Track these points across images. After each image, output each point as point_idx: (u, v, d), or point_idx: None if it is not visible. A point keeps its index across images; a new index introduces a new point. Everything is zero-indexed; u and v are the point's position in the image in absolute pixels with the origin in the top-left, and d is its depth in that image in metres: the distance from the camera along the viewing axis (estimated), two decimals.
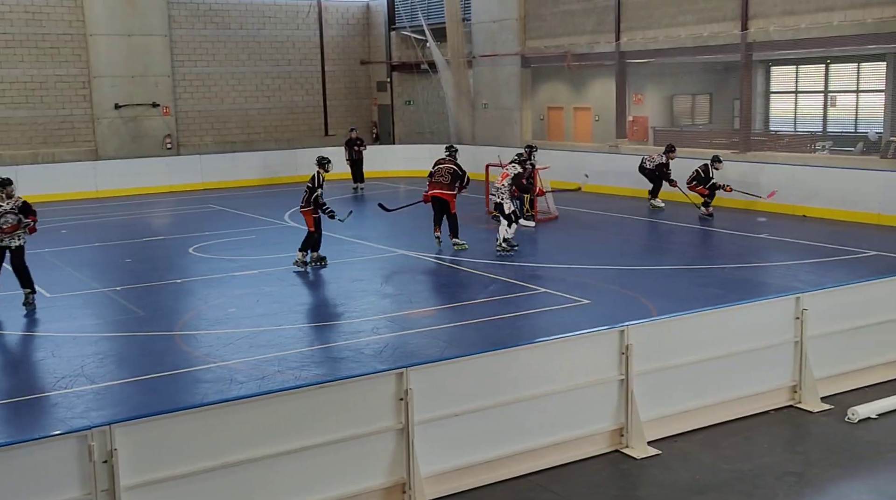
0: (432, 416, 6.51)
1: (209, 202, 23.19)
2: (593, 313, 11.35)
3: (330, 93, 31.45)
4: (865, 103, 25.91)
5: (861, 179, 17.93)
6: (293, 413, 6.13)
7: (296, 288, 13.23)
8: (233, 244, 16.93)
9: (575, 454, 7.08)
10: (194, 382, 9.38)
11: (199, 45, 29.14)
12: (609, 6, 24.57)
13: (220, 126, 29.75)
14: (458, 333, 10.86)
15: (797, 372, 8.21)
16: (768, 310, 8.22)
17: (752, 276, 13.77)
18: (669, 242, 16.34)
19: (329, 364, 9.61)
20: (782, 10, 20.73)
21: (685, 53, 23.38)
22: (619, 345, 7.23)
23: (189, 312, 12.24)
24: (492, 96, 28.41)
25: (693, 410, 7.67)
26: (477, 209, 20.24)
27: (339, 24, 31.71)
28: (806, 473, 6.79)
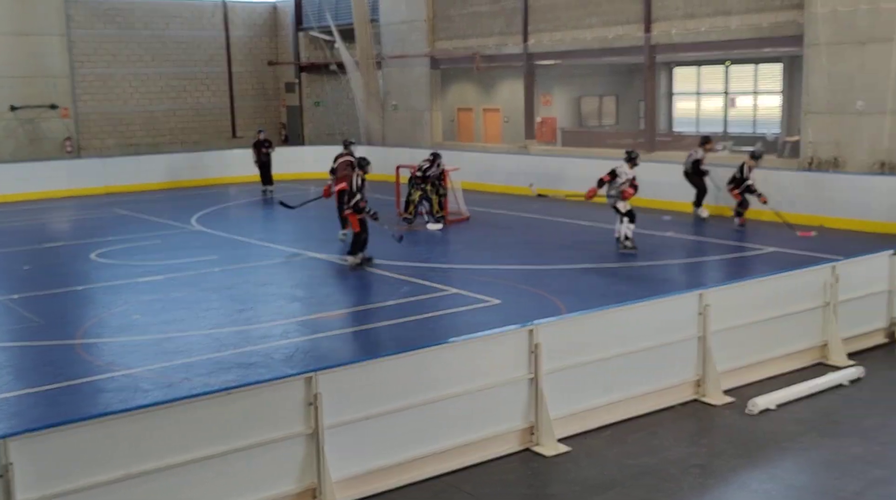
0: (343, 420, 6.45)
1: (113, 207, 22.56)
2: (503, 313, 11.43)
3: (237, 94, 30.99)
4: (763, 105, 26.84)
5: (760, 177, 18.50)
6: (201, 421, 5.99)
7: (204, 293, 12.96)
8: (138, 249, 16.50)
9: (486, 453, 7.11)
10: (96, 392, 9.09)
11: (100, 45, 28.33)
12: (517, 8, 24.82)
13: (123, 128, 28.98)
14: (369, 335, 10.81)
15: (701, 367, 8.41)
16: (673, 306, 8.40)
17: (658, 273, 14.07)
18: (578, 242, 16.58)
19: (238, 370, 9.43)
20: (683, 14, 21.27)
21: (591, 55, 23.79)
22: (529, 344, 7.28)
23: (91, 319, 11.87)
24: (401, 97, 28.39)
25: (601, 406, 7.79)
26: (387, 212, 20.18)
27: (245, 24, 31.25)
28: (710, 465, 6.96)
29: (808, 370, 9.03)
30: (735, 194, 17.19)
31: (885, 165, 17.58)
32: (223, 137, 30.57)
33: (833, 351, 9.31)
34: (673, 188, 20.01)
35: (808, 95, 18.66)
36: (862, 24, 17.54)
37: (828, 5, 17.96)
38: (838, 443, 7.28)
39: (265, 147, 24.35)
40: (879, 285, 9.91)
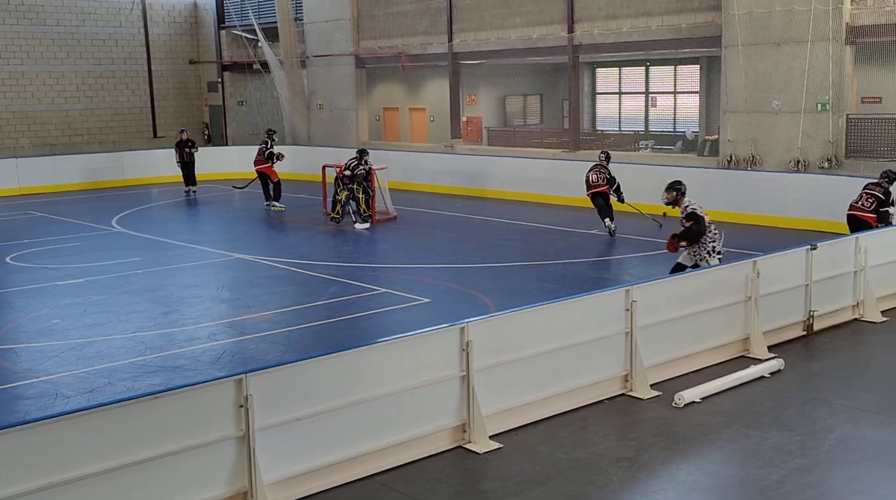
0: (274, 421, 6.37)
1: (27, 208, 21.89)
2: (433, 312, 11.45)
3: (158, 93, 30.37)
4: (682, 104, 27.42)
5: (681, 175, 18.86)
6: (128, 426, 5.83)
7: (126, 296, 12.66)
8: (56, 252, 16.04)
9: (419, 451, 7.10)
10: (14, 399, 8.80)
11: (12, 41, 27.46)
12: (441, 8, 24.88)
13: (37, 128, 28.14)
14: (298, 336, 10.70)
15: (628, 362, 8.54)
16: (601, 302, 8.52)
17: (585, 270, 14.25)
18: (506, 240, 16.69)
19: (164, 373, 9.24)
20: (605, 14, 21.60)
21: (516, 55, 23.98)
22: (460, 342, 7.30)
23: (7, 324, 11.49)
24: (327, 97, 28.20)
25: (532, 402, 7.85)
26: (314, 211, 20.04)
27: (165, 22, 30.64)
28: (638, 457, 7.07)
29: (731, 363, 9.24)
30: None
31: (799, 163, 18.14)
32: (144, 136, 29.93)
33: (755, 344, 9.56)
34: None
35: (727, 94, 19.14)
36: (777, 26, 18.07)
37: (744, 7, 18.45)
38: (761, 434, 7.47)
39: (188, 147, 23.87)
40: (797, 280, 10.20)
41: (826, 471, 6.78)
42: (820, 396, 8.39)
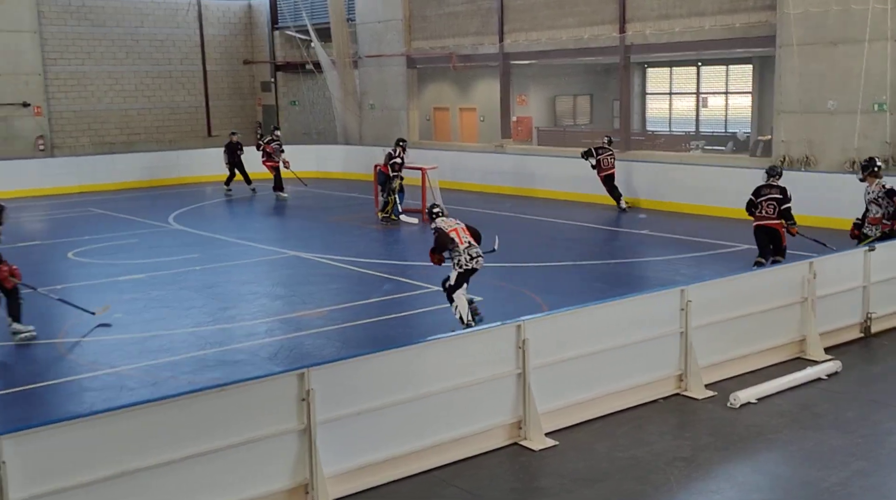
0: (334, 415, 6.50)
1: (87, 205, 22.40)
2: (485, 310, 11.50)
3: (212, 93, 30.85)
4: (734, 104, 27.17)
5: (732, 176, 18.76)
6: (193, 418, 6.01)
7: (185, 292, 12.94)
8: (115, 248, 16.42)
9: (476, 448, 7.19)
10: (81, 390, 9.07)
11: (73, 42, 28.10)
12: (493, 8, 24.94)
13: (97, 127, 28.77)
14: (352, 332, 10.85)
15: (683, 361, 8.55)
16: (656, 302, 8.54)
17: (635, 270, 14.23)
18: (556, 240, 16.71)
19: (224, 368, 9.45)
20: (658, 15, 21.49)
21: (567, 55, 23.96)
22: (517, 340, 7.38)
23: (72, 318, 11.80)
24: (378, 97, 28.42)
25: (587, 401, 7.90)
26: (366, 210, 20.23)
27: (220, 22, 31.12)
28: (695, 457, 7.09)
29: (786, 365, 9.20)
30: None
31: (855, 163, 17.87)
32: (198, 135, 30.42)
33: (811, 346, 9.49)
34: (648, 187, 20.24)
35: (781, 94, 18.93)
36: (833, 25, 17.83)
37: (800, 6, 18.23)
38: (819, 435, 7.44)
39: (239, 149, 24.02)
40: (855, 281, 10.10)
41: (888, 473, 6.75)
42: (879, 399, 8.32)
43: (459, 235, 10.74)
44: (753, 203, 12.11)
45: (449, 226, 10.86)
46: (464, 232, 10.84)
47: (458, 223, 10.93)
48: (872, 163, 11.07)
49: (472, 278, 10.56)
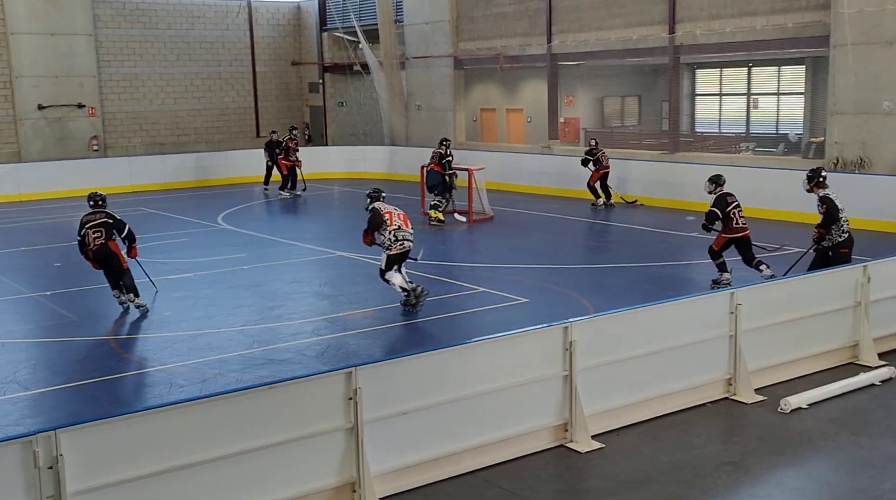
0: (381, 415, 6.54)
1: (139, 205, 22.76)
2: (531, 312, 11.50)
3: (261, 94, 31.18)
4: (786, 105, 26.75)
5: (784, 178, 18.48)
6: (242, 415, 6.09)
7: (233, 291, 13.10)
8: (165, 247, 16.66)
9: (521, 449, 7.18)
10: (132, 386, 9.24)
11: (126, 44, 28.60)
12: (540, 9, 24.87)
13: (148, 127, 29.24)
14: (398, 333, 10.90)
15: (732, 365, 8.45)
16: (705, 305, 8.45)
17: (683, 273, 14.10)
18: (601, 241, 16.64)
19: (271, 366, 9.55)
20: (708, 15, 21.26)
21: (615, 56, 23.81)
22: (564, 341, 7.35)
23: (124, 316, 12.01)
24: (425, 98, 28.50)
25: (634, 403, 7.84)
26: (412, 211, 20.27)
27: (269, 24, 31.45)
28: (743, 462, 7.00)
29: (838, 370, 9.04)
30: None
31: None
32: (247, 136, 30.77)
33: (864, 351, 9.32)
34: (696, 189, 19.99)
35: (834, 95, 18.62)
36: (889, 24, 17.49)
37: (854, 5, 17.91)
38: (872, 442, 7.30)
39: (278, 148, 24.37)
40: None
41: None
42: None
43: (392, 219, 11.44)
44: (720, 215, 12.01)
45: (385, 208, 11.58)
46: (398, 217, 11.52)
47: (396, 209, 11.68)
48: (818, 173, 11.12)
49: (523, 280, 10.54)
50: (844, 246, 10.70)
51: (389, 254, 11.42)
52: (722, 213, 12.02)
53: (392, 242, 11.36)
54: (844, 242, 10.71)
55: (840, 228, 10.72)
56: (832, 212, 10.61)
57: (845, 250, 10.68)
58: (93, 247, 11.65)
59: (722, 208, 12.04)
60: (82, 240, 11.81)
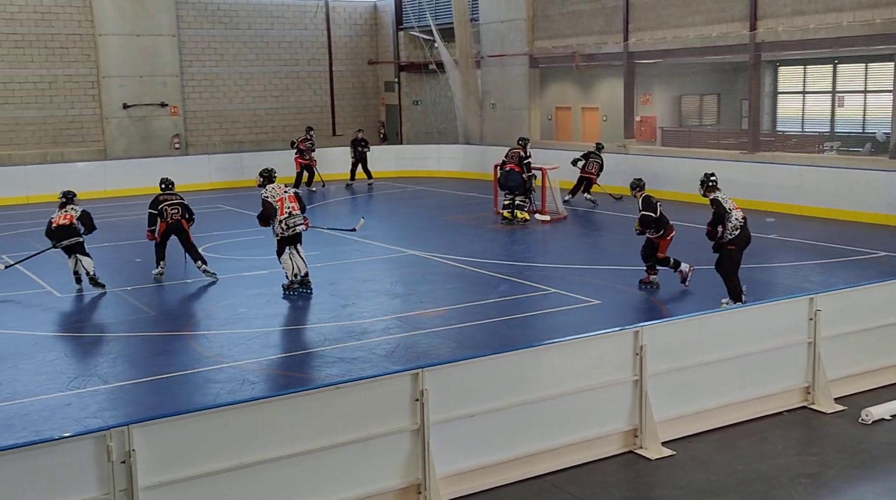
0: (447, 416, 6.52)
1: (217, 202, 23.22)
2: (604, 314, 11.37)
3: (338, 93, 31.49)
4: (873, 104, 25.88)
5: (869, 179, 17.91)
6: (310, 414, 6.13)
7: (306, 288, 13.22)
8: (242, 244, 16.96)
9: (589, 454, 7.09)
10: (206, 382, 9.40)
11: (208, 45, 29.20)
12: (617, 7, 24.56)
13: (228, 126, 29.81)
14: (468, 333, 10.87)
15: (810, 373, 8.20)
16: (782, 311, 8.22)
17: (762, 276, 13.74)
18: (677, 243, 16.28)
19: (341, 364, 9.62)
20: (791, 11, 20.71)
21: (694, 54, 23.37)
22: (634, 346, 7.23)
23: (200, 312, 12.26)
24: (500, 96, 28.41)
25: (707, 410, 7.67)
26: (485, 210, 20.25)
27: (346, 24, 31.74)
28: (821, 474, 6.78)
29: None
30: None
31: None
32: (323, 135, 31.07)
33: None
34: (777, 190, 19.54)
35: None
36: None
37: None
38: None
39: (361, 146, 25.24)
40: None
41: None
42: None
43: (283, 206, 12.31)
44: (662, 220, 12.30)
45: (276, 196, 12.40)
46: (289, 201, 12.38)
47: (286, 193, 12.49)
48: (708, 179, 11.75)
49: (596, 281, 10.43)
50: (731, 243, 11.24)
51: (279, 238, 12.42)
52: (655, 215, 12.36)
53: (283, 230, 12.32)
54: (732, 240, 11.22)
55: (732, 227, 11.21)
56: (719, 212, 11.19)
57: (732, 247, 11.26)
58: (170, 220, 13.61)
59: (655, 211, 12.40)
60: (159, 213, 13.70)
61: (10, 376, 9.56)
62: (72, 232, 13.24)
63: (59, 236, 13.24)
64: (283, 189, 12.53)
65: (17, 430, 7.96)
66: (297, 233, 12.43)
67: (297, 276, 12.60)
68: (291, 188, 12.99)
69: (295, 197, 12.53)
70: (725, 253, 11.32)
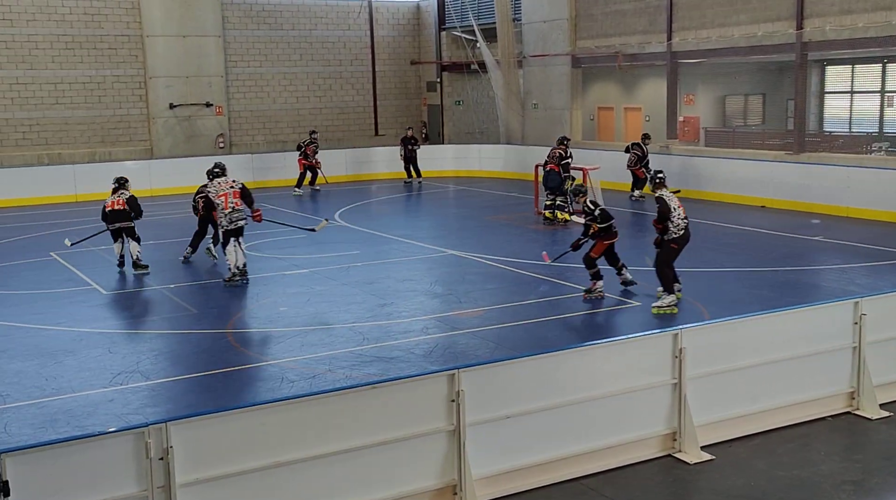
0: (484, 417, 6.50)
1: (260, 201, 23.31)
2: (644, 315, 11.28)
3: (380, 93, 31.58)
4: None
5: None
6: (346, 413, 6.16)
7: (346, 287, 13.31)
8: (284, 243, 17.09)
9: (627, 457, 7.03)
10: (246, 380, 9.48)
11: (252, 45, 29.46)
12: (661, 6, 24.33)
13: (271, 126, 30.04)
14: (507, 333, 10.84)
15: (855, 378, 8.05)
16: (826, 314, 8.08)
17: (806, 279, 13.54)
18: (721, 245, 16.12)
19: (379, 364, 9.64)
20: (839, 10, 20.35)
21: (738, 53, 23.06)
22: (673, 348, 7.15)
23: (241, 310, 12.38)
24: (542, 96, 28.31)
25: (748, 415, 7.57)
26: (526, 210, 20.18)
27: (389, 24, 31.83)
28: (865, 482, 6.65)
29: None
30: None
31: None
32: (366, 135, 31.22)
33: None
34: (823, 191, 19.23)
35: None
36: None
37: None
38: None
39: (410, 144, 25.88)
40: None
41: None
42: None
43: (227, 201, 13.15)
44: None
45: (220, 191, 13.25)
46: (234, 196, 13.19)
47: (232, 188, 13.27)
48: (656, 176, 12.01)
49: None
50: (675, 242, 11.46)
51: (224, 230, 13.21)
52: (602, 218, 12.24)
53: (227, 224, 13.13)
54: (676, 239, 11.44)
55: (676, 226, 11.41)
56: (663, 211, 11.37)
57: (675, 246, 11.48)
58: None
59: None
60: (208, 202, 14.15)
61: (55, 372, 9.73)
62: (124, 216, 14.32)
63: (112, 219, 14.33)
64: (229, 184, 13.31)
65: (60, 425, 8.10)
66: (240, 226, 13.27)
67: (238, 268, 13.33)
68: (239, 183, 13.54)
69: (240, 192, 13.32)
70: (666, 250, 11.53)
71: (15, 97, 26.28)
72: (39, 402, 8.75)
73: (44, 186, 24.49)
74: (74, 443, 5.48)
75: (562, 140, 19.06)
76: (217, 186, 13.30)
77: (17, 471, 5.22)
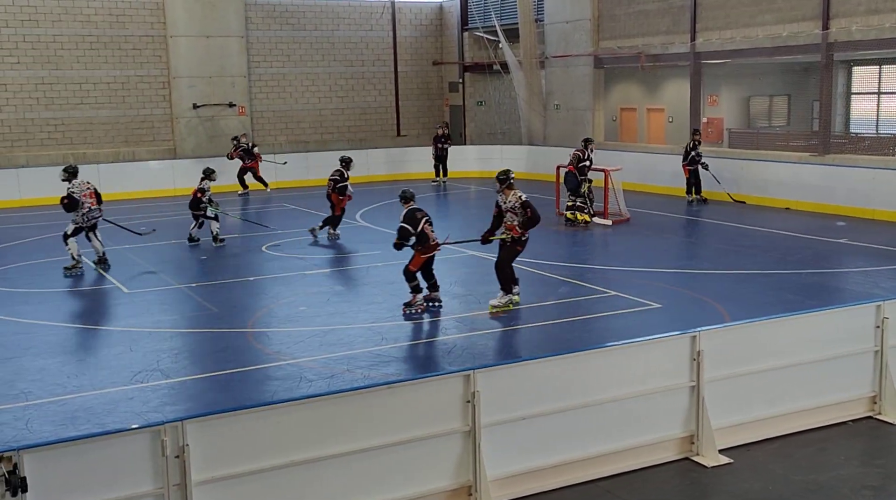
0: (499, 419, 6.49)
1: (282, 201, 23.53)
2: (664, 318, 11.21)
3: (402, 93, 31.62)
4: None
5: None
6: (362, 413, 6.16)
7: (366, 287, 13.33)
8: (305, 243, 17.14)
9: (644, 460, 6.99)
10: (265, 379, 9.52)
11: (275, 45, 29.59)
12: (685, 6, 24.20)
13: (293, 126, 30.16)
14: (527, 335, 10.82)
15: (877, 383, 7.97)
16: (847, 318, 8.00)
17: (829, 281, 13.42)
18: (743, 246, 16.01)
19: (397, 364, 9.65)
20: (866, 10, 20.15)
21: (763, 54, 22.90)
22: (691, 351, 7.11)
23: (261, 309, 12.43)
24: (564, 97, 28.23)
25: (766, 418, 7.51)
26: (547, 211, 20.12)
27: (412, 24, 31.86)
28: (886, 487, 6.58)
29: None
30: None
31: None
32: (388, 135, 31.27)
33: None
34: (848, 193, 19.05)
35: None
36: None
37: None
38: None
39: (441, 142, 26.29)
40: None
41: None
42: None
43: (93, 198, 14.55)
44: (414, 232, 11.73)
45: (82, 191, 14.50)
46: (90, 196, 14.52)
47: (88, 189, 14.57)
48: (508, 176, 11.68)
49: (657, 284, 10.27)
50: (521, 245, 11.65)
51: (77, 226, 14.34)
52: (415, 229, 11.71)
53: (85, 221, 14.41)
54: (525, 243, 11.65)
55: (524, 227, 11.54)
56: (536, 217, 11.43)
57: (520, 249, 11.64)
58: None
59: (414, 225, 11.76)
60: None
61: (76, 369, 9.82)
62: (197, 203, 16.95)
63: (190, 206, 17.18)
64: (86, 185, 14.64)
65: (80, 422, 8.17)
66: (94, 223, 14.61)
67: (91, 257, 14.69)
68: (92, 185, 14.87)
69: (94, 193, 14.72)
70: (513, 252, 11.61)
71: (40, 97, 26.54)
72: (61, 399, 8.83)
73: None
74: (90, 441, 5.53)
75: (585, 141, 18.99)
76: (78, 186, 14.44)
77: (35, 468, 5.27)
